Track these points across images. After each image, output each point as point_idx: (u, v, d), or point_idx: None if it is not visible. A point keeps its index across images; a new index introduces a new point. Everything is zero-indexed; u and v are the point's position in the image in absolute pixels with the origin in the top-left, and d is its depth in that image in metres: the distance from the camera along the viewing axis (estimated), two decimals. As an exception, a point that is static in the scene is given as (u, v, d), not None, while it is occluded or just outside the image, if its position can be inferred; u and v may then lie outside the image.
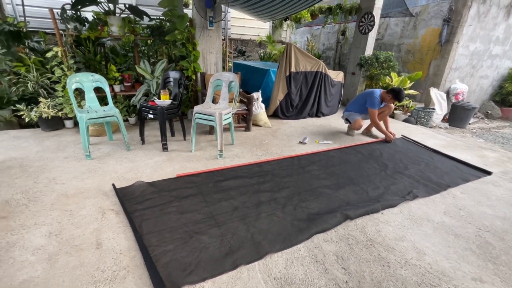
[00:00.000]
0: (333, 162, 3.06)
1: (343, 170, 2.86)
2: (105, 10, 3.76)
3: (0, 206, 1.97)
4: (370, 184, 2.58)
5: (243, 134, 3.86)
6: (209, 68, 4.28)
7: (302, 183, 2.55)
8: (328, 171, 2.83)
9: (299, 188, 2.46)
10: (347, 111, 4.00)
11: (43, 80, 3.75)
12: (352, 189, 2.48)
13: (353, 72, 5.93)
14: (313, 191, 2.41)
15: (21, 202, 2.03)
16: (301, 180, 2.61)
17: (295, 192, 2.39)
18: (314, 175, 2.72)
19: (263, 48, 9.61)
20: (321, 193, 2.38)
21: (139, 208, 2.03)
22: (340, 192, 2.41)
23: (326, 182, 2.59)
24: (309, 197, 2.30)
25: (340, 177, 2.71)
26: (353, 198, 2.33)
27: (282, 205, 2.17)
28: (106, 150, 3.04)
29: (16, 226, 1.78)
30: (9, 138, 3.27)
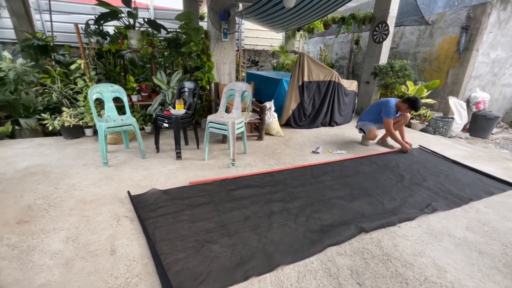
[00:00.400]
0: (347, 172, 3.00)
1: (358, 181, 2.79)
2: (126, 24, 3.96)
3: (23, 210, 2.06)
4: (386, 196, 2.50)
5: (255, 143, 3.87)
6: (223, 78, 4.36)
7: (315, 193, 2.51)
8: (341, 181, 2.78)
9: (311, 198, 2.42)
10: (361, 121, 3.94)
11: (67, 91, 3.95)
12: (367, 201, 2.41)
13: (367, 81, 5.86)
14: (326, 202, 2.37)
15: (42, 207, 2.11)
16: (314, 190, 2.57)
17: (307, 202, 2.35)
18: (328, 186, 2.67)
19: (276, 58, 9.72)
20: (335, 204, 2.33)
21: (153, 216, 2.06)
22: (355, 204, 2.35)
23: (339, 193, 2.53)
24: (322, 208, 2.26)
25: (354, 188, 2.65)
26: (368, 210, 2.26)
27: (295, 215, 2.14)
28: (122, 158, 3.13)
29: (37, 230, 1.85)
30: (33, 145, 3.45)
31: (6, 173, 2.64)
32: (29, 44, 4.58)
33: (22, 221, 1.93)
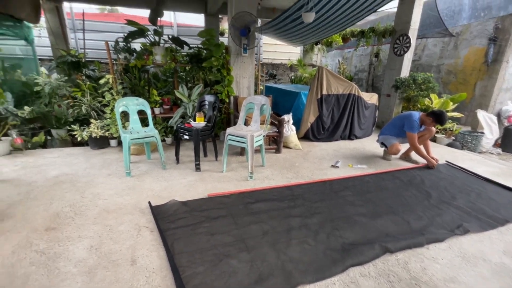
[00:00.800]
0: (369, 188, 2.90)
1: (380, 198, 2.68)
2: (151, 41, 4.18)
3: (51, 217, 2.15)
4: (411, 214, 2.37)
5: (273, 156, 3.86)
6: (242, 92, 4.44)
7: (335, 209, 2.43)
8: (363, 197, 2.68)
9: (332, 214, 2.34)
10: (382, 135, 3.82)
11: (95, 104, 4.19)
12: (391, 219, 2.29)
13: (388, 94, 5.73)
14: (347, 218, 2.28)
15: (68, 215, 2.20)
16: (334, 206, 2.49)
17: (327, 218, 2.28)
18: (348, 201, 2.58)
19: (293, 71, 9.80)
20: (357, 221, 2.24)
21: (172, 227, 2.07)
22: (378, 222, 2.24)
23: (361, 209, 2.44)
24: (343, 225, 2.17)
25: (377, 204, 2.54)
26: (393, 228, 2.15)
27: (314, 232, 2.07)
28: (144, 169, 3.23)
29: (63, 237, 1.92)
30: (63, 155, 3.64)
31: (37, 181, 2.80)
32: (64, 60, 4.94)
33: (50, 228, 2.02)
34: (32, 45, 5.94)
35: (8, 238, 1.89)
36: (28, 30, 5.78)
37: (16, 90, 4.89)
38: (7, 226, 2.02)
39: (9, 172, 3.00)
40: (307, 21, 4.13)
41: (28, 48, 5.92)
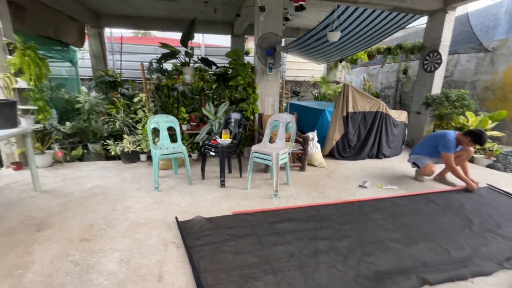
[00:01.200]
0: (401, 211, 2.73)
1: (415, 222, 2.51)
2: (182, 62, 4.43)
3: (86, 228, 2.26)
4: (451, 243, 2.18)
5: (297, 173, 3.80)
6: (267, 109, 4.50)
7: (365, 233, 2.31)
8: (395, 221, 2.52)
9: (361, 238, 2.22)
10: (414, 154, 3.64)
11: (128, 120, 4.45)
12: (428, 247, 2.12)
13: (418, 111, 5.50)
14: (379, 243, 2.15)
15: (101, 227, 2.30)
16: (364, 229, 2.37)
17: (357, 242, 2.16)
18: (379, 225, 2.44)
19: (317, 88, 9.80)
20: (389, 247, 2.10)
21: (198, 244, 2.08)
22: (413, 249, 2.09)
23: (394, 234, 2.29)
24: (374, 251, 2.05)
25: (411, 230, 2.37)
26: (431, 258, 1.99)
27: (343, 256, 1.97)
28: (171, 183, 3.32)
29: (96, 249, 1.99)
30: (97, 168, 3.86)
31: (75, 193, 2.98)
32: (102, 80, 5.37)
33: (84, 239, 2.11)
34: (75, 67, 6.55)
35: (47, 247, 2.00)
36: (73, 53, 6.41)
37: (60, 107, 5.36)
38: (46, 235, 2.15)
39: (50, 183, 3.23)
40: (332, 40, 4.17)
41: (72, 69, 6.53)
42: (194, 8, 6.12)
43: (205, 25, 7.32)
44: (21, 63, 3.41)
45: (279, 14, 4.21)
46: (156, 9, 6.37)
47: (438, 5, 4.80)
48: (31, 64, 3.45)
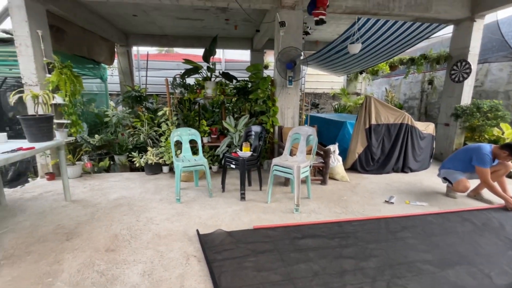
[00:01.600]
0: (433, 230, 2.55)
1: (449, 243, 2.33)
2: (204, 77, 4.57)
3: (111, 239, 2.32)
4: (492, 267, 1.99)
5: (319, 187, 3.71)
6: (286, 122, 4.49)
7: (394, 253, 2.17)
8: (427, 241, 2.35)
9: (390, 259, 2.09)
10: (444, 169, 3.43)
11: (151, 133, 4.62)
12: (466, 270, 1.95)
13: (447, 123, 5.23)
14: (410, 265, 2.01)
15: (125, 237, 2.35)
16: (392, 249, 2.23)
17: (385, 263, 2.03)
18: (409, 245, 2.29)
19: (336, 100, 9.68)
20: (422, 270, 1.95)
21: (219, 258, 2.06)
22: (449, 273, 1.92)
23: (426, 256, 2.13)
24: (405, 273, 1.91)
25: (445, 251, 2.20)
26: (470, 283, 1.82)
27: (371, 278, 1.85)
28: (192, 195, 3.35)
29: (120, 260, 2.03)
30: (122, 179, 4.01)
31: (101, 203, 3.09)
32: (129, 95, 5.66)
33: (109, 249, 2.16)
34: (105, 83, 6.98)
35: (75, 256, 2.07)
36: (104, 71, 6.85)
37: (90, 120, 5.69)
38: (75, 244, 2.23)
39: (79, 193, 3.38)
40: (353, 52, 4.14)
41: (102, 85, 6.96)
42: (216, 25, 6.38)
43: (225, 41, 7.58)
44: (58, 80, 3.69)
45: (299, 29, 4.26)
46: (180, 28, 6.70)
47: (465, 14, 4.64)
48: (67, 81, 3.72)
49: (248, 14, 4.52)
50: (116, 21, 6.14)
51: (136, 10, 5.28)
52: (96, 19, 5.58)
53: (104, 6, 4.97)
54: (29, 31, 3.56)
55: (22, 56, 3.64)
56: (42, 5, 3.81)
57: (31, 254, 2.09)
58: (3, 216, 2.74)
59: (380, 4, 4.35)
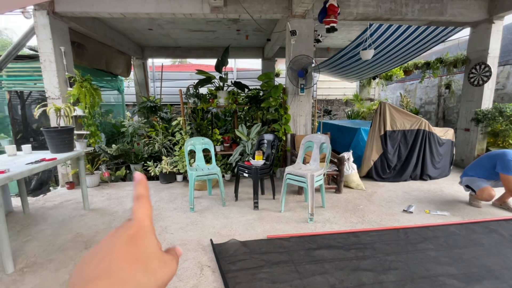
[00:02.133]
0: (457, 242, 2.42)
1: (475, 255, 2.20)
2: (216, 87, 4.65)
3: (127, 248, 2.35)
4: (524, 283, 1.86)
5: (333, 196, 3.63)
6: (299, 130, 4.47)
7: (415, 266, 2.07)
8: (450, 253, 2.24)
9: (411, 272, 2.00)
10: (466, 176, 3.27)
11: (166, 142, 4.71)
12: (494, 286, 1.83)
13: (467, 128, 5.03)
14: (433, 280, 1.91)
15: (141, 247, 2.37)
16: (413, 261, 2.13)
17: (406, 276, 1.94)
18: (431, 257, 2.19)
19: (349, 106, 9.56)
20: (446, 284, 1.85)
21: (233, 269, 2.04)
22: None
23: (450, 269, 2.02)
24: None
25: (471, 264, 2.08)
26: (500, 300, 1.70)
27: (392, 292, 1.78)
28: (205, 204, 3.37)
29: (136, 269, 2.05)
30: (138, 188, 4.08)
31: (118, 212, 3.16)
32: (144, 105, 5.83)
33: (125, 259, 2.19)
34: (122, 94, 7.24)
35: (93, 265, 2.11)
36: (121, 82, 7.12)
37: (108, 131, 5.89)
38: (93, 253, 2.27)
39: (97, 202, 3.48)
40: (365, 58, 4.09)
41: (119, 96, 7.23)
42: (227, 36, 6.51)
43: (237, 50, 7.71)
44: (79, 93, 3.86)
45: (310, 37, 4.28)
46: (193, 39, 6.89)
47: (482, 16, 4.51)
48: (86, 94, 3.88)
49: (259, 24, 4.60)
50: (133, 35, 6.40)
51: (152, 24, 5.49)
52: (114, 34, 5.84)
53: (121, 21, 5.20)
54: (52, 47, 3.77)
55: (46, 71, 3.84)
56: (65, 23, 4.04)
57: (52, 262, 2.15)
58: (27, 224, 2.85)
59: (392, 9, 4.30)
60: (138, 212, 0.32)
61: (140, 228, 0.31)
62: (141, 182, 0.35)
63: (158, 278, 0.30)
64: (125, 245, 0.29)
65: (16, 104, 5.64)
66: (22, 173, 2.14)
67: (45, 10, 3.70)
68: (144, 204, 0.33)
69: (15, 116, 5.63)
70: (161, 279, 0.30)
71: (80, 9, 3.85)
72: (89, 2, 3.83)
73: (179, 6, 3.97)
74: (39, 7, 3.67)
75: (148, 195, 0.35)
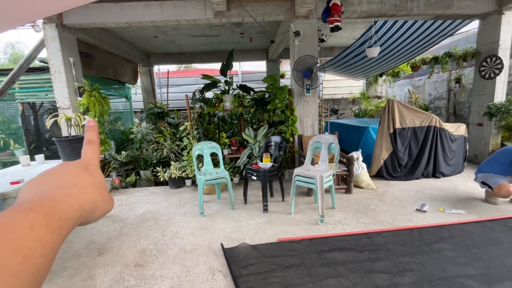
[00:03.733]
0: (474, 241, 2.34)
1: (494, 255, 2.12)
2: (222, 90, 4.67)
3: (139, 254, 2.38)
4: (549, 283, 1.78)
5: (343, 196, 3.58)
6: (306, 130, 4.43)
7: (432, 267, 2.01)
8: (468, 253, 2.17)
9: (428, 273, 1.94)
10: (481, 172, 3.18)
11: (174, 147, 4.75)
12: (517, 287, 1.76)
13: (480, 123, 4.89)
14: (451, 281, 1.85)
15: (153, 252, 2.39)
16: (429, 262, 2.07)
17: (423, 278, 1.89)
18: (448, 258, 2.12)
19: (356, 105, 9.45)
20: (465, 286, 1.79)
21: (244, 273, 2.03)
22: (497, 289, 1.74)
23: (469, 270, 1.96)
24: (446, 290, 1.76)
25: (491, 264, 2.01)
26: (524, 302, 1.63)
27: (408, 295, 1.73)
28: (215, 208, 3.37)
29: (148, 275, 2.06)
30: (148, 193, 4.13)
31: (129, 218, 3.20)
32: (152, 112, 5.90)
33: (138, 265, 2.21)
34: (130, 101, 7.37)
35: (106, 271, 2.14)
36: (128, 90, 7.24)
37: (117, 138, 5.99)
38: (106, 260, 2.31)
39: (108, 209, 3.52)
40: (371, 56, 4.04)
41: (127, 104, 7.35)
42: (231, 40, 6.55)
43: (241, 53, 7.74)
44: (88, 102, 3.94)
45: (314, 37, 4.25)
46: (197, 44, 6.96)
47: (491, 7, 4.39)
48: (96, 103, 3.96)
49: (262, 26, 4.60)
50: (139, 43, 6.51)
51: (156, 32, 5.57)
52: (121, 43, 5.96)
53: (127, 30, 5.30)
54: (62, 59, 3.87)
55: (56, 82, 3.94)
56: (73, 34, 4.15)
57: (67, 269, 2.19)
58: (41, 233, 2.91)
59: (397, 5, 4.24)
60: (88, 154, 0.36)
61: (90, 165, 0.35)
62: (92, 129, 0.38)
63: (106, 205, 0.34)
64: (83, 172, 0.33)
65: (28, 115, 5.81)
66: (35, 183, 2.18)
67: (54, 23, 3.80)
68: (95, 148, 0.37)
69: (28, 127, 5.79)
70: (106, 207, 0.34)
71: (87, 20, 3.94)
72: (96, 13, 3.91)
73: (183, 13, 4.02)
74: (48, 20, 3.78)
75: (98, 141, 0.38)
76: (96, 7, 3.87)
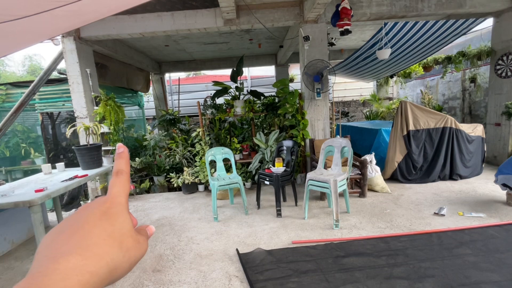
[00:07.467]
0: (497, 245, 2.27)
1: (519, 260, 2.05)
2: (232, 96, 4.73)
3: (156, 259, 2.42)
4: None
5: (358, 200, 3.53)
6: (317, 134, 4.42)
7: (453, 273, 1.96)
8: (491, 258, 2.10)
9: (449, 280, 1.89)
10: (502, 174, 3.07)
11: (186, 153, 4.83)
12: (546, 294, 1.69)
13: (497, 122, 4.75)
14: (474, 287, 1.79)
15: (169, 258, 2.43)
16: (450, 268, 2.02)
17: (445, 284, 1.84)
18: (470, 263, 2.06)
19: (367, 107, 9.34)
20: (490, 292, 1.73)
21: (261, 279, 2.03)
22: (525, 296, 1.68)
23: (493, 276, 1.89)
24: (470, 296, 1.71)
25: (516, 270, 1.94)
26: (554, 309, 1.56)
27: (430, 302, 1.69)
28: (228, 213, 3.39)
29: (166, 281, 2.10)
30: (162, 199, 4.20)
31: (144, 223, 3.24)
32: (164, 119, 6.02)
33: (156, 270, 2.25)
34: (142, 109, 7.54)
35: (126, 277, 2.18)
36: (141, 98, 7.42)
37: (130, 145, 6.13)
38: (124, 265, 2.35)
39: (125, 215, 3.60)
40: (382, 58, 4.01)
41: (139, 111, 7.53)
42: (240, 46, 6.64)
43: (250, 59, 7.82)
44: (104, 111, 4.07)
45: (323, 41, 4.26)
46: (207, 52, 7.09)
47: (505, 4, 4.29)
48: (111, 112, 4.09)
49: (271, 32, 4.65)
50: (150, 52, 6.69)
51: (168, 41, 5.71)
52: (133, 53, 6.14)
53: (139, 40, 5.46)
54: (79, 70, 4.02)
55: (74, 92, 4.10)
56: (90, 46, 4.31)
57: (88, 274, 2.25)
58: (62, 239, 3.00)
59: (407, 6, 4.21)
60: (114, 188, 0.31)
61: (114, 204, 0.30)
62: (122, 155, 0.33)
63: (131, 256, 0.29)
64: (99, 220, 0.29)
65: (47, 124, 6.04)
66: (58, 190, 2.28)
67: (71, 36, 3.97)
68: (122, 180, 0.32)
69: (47, 136, 6.01)
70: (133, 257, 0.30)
71: (103, 32, 4.10)
72: (111, 25, 4.06)
73: (194, 22, 4.11)
74: (66, 34, 3.95)
75: (128, 171, 0.33)
76: (111, 20, 4.02)
